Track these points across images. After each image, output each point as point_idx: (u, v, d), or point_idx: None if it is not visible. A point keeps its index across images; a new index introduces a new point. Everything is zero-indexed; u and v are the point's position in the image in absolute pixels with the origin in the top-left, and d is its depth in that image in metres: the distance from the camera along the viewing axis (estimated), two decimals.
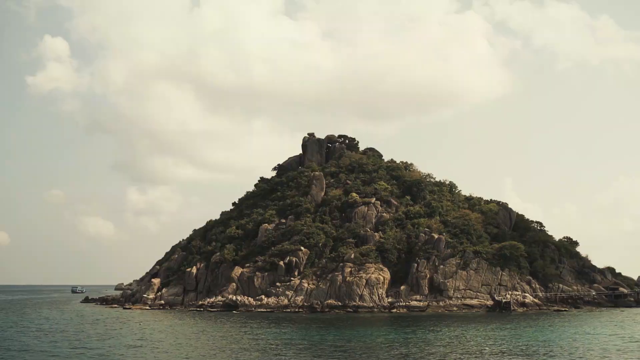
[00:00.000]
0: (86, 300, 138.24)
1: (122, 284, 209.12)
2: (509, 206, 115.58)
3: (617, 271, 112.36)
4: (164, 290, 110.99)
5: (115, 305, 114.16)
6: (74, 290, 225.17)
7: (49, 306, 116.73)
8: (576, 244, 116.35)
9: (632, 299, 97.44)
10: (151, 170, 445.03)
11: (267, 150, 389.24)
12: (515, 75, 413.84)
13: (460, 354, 41.92)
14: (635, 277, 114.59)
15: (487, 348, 45.13)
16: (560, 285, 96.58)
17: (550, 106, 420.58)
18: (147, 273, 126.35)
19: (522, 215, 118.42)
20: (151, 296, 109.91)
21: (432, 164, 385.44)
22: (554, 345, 46.82)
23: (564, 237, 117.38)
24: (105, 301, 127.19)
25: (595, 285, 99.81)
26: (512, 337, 52.26)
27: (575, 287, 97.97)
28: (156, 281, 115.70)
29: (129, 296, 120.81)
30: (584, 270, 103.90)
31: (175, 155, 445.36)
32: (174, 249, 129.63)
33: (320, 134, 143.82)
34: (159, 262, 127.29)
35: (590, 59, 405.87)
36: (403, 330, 59.82)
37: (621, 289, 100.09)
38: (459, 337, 52.25)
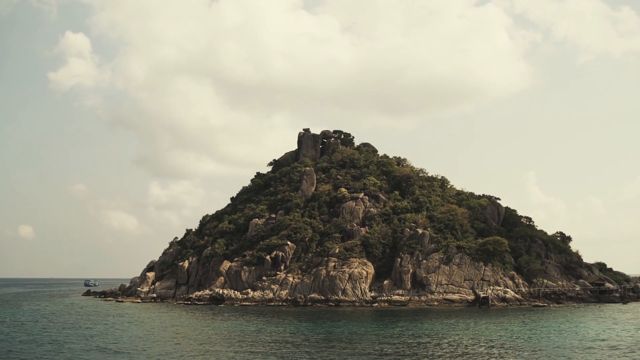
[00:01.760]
0: (87, 293, 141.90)
1: (137, 277, 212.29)
2: (498, 201, 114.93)
3: (608, 267, 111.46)
4: (157, 283, 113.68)
5: (110, 299, 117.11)
6: (86, 283, 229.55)
7: (47, 299, 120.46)
8: (569, 239, 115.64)
9: (617, 295, 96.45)
10: (173, 165, 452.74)
11: (287, 144, 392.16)
12: (535, 68, 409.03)
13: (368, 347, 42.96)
14: None
15: (418, 341, 46.01)
16: (545, 281, 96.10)
17: (572, 99, 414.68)
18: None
19: (514, 211, 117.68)
20: (145, 289, 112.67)
21: (451, 159, 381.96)
22: (482, 338, 47.37)
23: (556, 233, 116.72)
24: (104, 294, 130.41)
25: (582, 280, 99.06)
26: (447, 332, 52.91)
27: (560, 283, 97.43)
28: (151, 275, 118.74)
29: (125, 289, 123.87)
30: (571, 265, 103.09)
31: (197, 150, 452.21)
32: (171, 243, 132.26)
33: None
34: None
35: (612, 52, 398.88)
36: (352, 324, 60.90)
37: (608, 284, 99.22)
38: (390, 331, 53.11)
